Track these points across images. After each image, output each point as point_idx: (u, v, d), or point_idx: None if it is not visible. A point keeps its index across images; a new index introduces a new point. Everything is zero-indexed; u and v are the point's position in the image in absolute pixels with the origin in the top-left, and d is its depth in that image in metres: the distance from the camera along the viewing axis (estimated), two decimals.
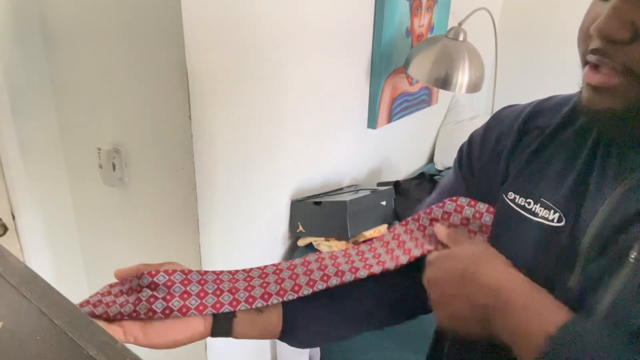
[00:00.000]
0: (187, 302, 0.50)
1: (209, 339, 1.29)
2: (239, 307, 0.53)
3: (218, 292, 0.53)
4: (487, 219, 0.57)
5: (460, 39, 1.53)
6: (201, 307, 0.51)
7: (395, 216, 1.51)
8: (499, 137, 0.59)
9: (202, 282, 0.53)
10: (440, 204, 0.60)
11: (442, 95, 2.10)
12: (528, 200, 0.53)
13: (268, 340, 1.56)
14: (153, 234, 1.25)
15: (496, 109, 2.39)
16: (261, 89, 1.18)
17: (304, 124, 1.36)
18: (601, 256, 0.45)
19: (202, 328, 0.52)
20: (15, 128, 1.23)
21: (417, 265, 0.58)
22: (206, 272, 0.55)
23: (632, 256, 0.43)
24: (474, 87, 1.54)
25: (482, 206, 0.58)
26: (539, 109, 0.58)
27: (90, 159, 1.26)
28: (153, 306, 0.49)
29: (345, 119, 1.54)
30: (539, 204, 0.52)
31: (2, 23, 1.16)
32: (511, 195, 0.55)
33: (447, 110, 2.24)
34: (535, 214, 0.52)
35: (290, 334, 0.58)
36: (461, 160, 0.64)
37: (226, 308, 0.52)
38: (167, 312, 0.49)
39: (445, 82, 1.50)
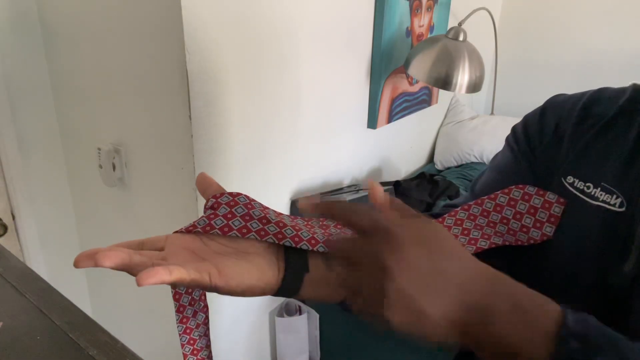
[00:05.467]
0: (248, 224, 0.47)
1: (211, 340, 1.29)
2: (317, 247, 0.48)
3: (281, 225, 0.49)
4: (557, 209, 0.54)
5: (460, 39, 1.53)
6: (262, 233, 0.47)
7: None
8: (558, 121, 0.58)
9: (265, 211, 0.50)
10: (506, 190, 0.57)
11: (442, 95, 2.10)
12: (587, 184, 0.52)
13: (268, 341, 1.56)
14: (153, 234, 1.23)
15: (496, 109, 2.40)
16: (261, 89, 1.18)
17: (304, 123, 1.36)
18: None
19: (274, 280, 0.47)
20: (15, 128, 1.23)
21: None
22: (268, 207, 0.51)
23: None
24: (474, 87, 1.54)
25: (551, 196, 0.55)
26: (595, 98, 0.57)
27: (90, 159, 1.26)
28: (212, 222, 0.47)
29: (345, 119, 1.54)
30: (599, 188, 0.51)
31: (2, 23, 1.16)
32: (570, 179, 0.54)
33: (447, 110, 2.24)
34: (596, 198, 0.51)
35: None
36: (517, 141, 0.62)
37: (287, 242, 0.47)
38: (225, 229, 0.47)
39: (445, 82, 1.51)
